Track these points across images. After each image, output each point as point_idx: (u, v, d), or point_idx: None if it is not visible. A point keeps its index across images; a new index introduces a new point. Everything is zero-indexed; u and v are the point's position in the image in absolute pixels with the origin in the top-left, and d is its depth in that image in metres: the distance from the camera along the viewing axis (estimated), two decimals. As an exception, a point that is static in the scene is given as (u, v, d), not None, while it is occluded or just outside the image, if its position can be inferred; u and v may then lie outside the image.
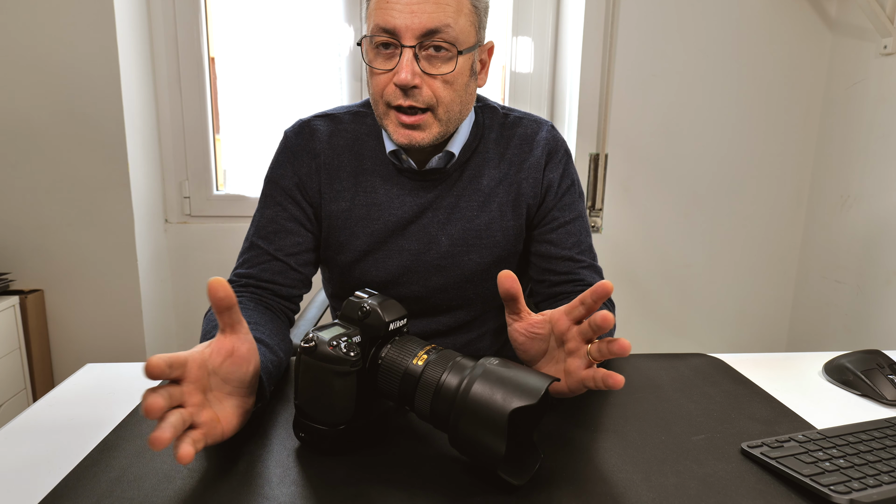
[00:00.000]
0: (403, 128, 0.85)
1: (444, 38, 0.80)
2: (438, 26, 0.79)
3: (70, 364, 1.82)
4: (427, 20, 0.79)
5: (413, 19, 0.79)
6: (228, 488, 0.56)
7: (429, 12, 0.79)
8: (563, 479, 0.59)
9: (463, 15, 0.82)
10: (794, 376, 0.88)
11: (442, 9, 0.80)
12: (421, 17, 0.79)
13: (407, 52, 0.80)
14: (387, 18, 0.80)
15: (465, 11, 0.82)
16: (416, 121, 0.84)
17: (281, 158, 0.96)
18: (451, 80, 0.83)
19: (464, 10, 0.82)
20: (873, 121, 1.78)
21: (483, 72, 0.91)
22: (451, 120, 0.87)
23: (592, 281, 0.95)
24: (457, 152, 0.92)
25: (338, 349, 0.58)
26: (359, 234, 0.94)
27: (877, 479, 0.57)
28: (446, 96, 0.84)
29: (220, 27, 1.89)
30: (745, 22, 1.90)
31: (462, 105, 0.87)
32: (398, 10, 0.79)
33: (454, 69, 0.83)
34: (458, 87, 0.85)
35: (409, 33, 0.80)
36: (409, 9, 0.79)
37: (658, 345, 2.13)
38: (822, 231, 2.01)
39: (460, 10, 0.81)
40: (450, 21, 0.80)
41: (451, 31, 0.80)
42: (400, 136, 0.85)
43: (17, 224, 1.71)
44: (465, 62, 0.84)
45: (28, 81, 1.63)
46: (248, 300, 0.88)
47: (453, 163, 0.93)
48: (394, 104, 0.84)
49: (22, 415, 0.73)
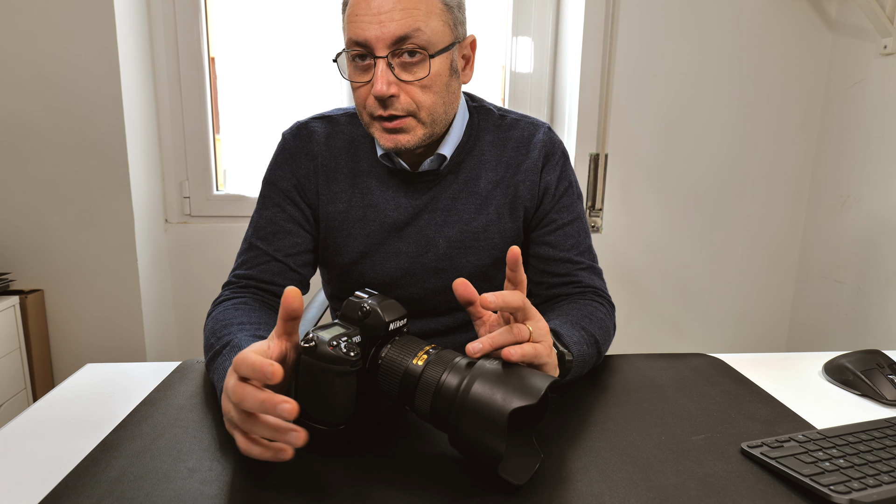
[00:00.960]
0: (388, 133, 0.85)
1: (415, 42, 0.80)
2: (408, 32, 0.79)
3: (70, 364, 1.82)
4: (396, 28, 0.78)
5: (382, 29, 0.79)
6: (228, 488, 0.56)
7: (397, 20, 0.79)
8: (563, 479, 0.59)
9: (434, 16, 0.81)
10: (794, 376, 0.88)
11: (410, 14, 0.79)
12: (389, 25, 0.78)
13: (380, 63, 0.80)
14: (358, 31, 0.80)
15: (435, 12, 0.81)
16: (398, 125, 0.84)
17: (279, 160, 0.96)
18: (429, 84, 0.83)
19: (434, 10, 0.81)
20: (873, 121, 1.78)
21: (468, 67, 0.91)
22: (436, 121, 0.86)
23: (591, 283, 0.95)
24: (448, 154, 0.92)
25: (338, 349, 0.58)
26: (356, 235, 0.94)
27: (877, 479, 0.57)
28: (426, 100, 0.84)
29: (220, 27, 1.89)
30: (745, 22, 1.90)
31: (446, 105, 0.87)
32: (367, 22, 0.79)
33: (429, 73, 0.82)
34: (438, 88, 0.84)
35: (380, 43, 0.79)
36: (378, 19, 0.79)
37: (658, 345, 2.13)
38: (822, 231, 2.01)
39: (430, 11, 0.81)
40: (419, 25, 0.79)
41: (422, 34, 0.80)
42: (386, 141, 0.85)
43: (17, 224, 1.71)
44: (443, 63, 0.84)
45: (28, 82, 1.63)
46: (252, 300, 0.88)
47: (446, 164, 0.93)
48: (375, 115, 0.84)
49: (22, 415, 0.73)
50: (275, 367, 0.53)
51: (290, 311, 0.58)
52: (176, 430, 0.67)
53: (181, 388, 0.78)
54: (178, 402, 0.74)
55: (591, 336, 0.82)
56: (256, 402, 0.54)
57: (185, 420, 0.69)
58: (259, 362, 0.53)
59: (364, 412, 0.62)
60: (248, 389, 0.54)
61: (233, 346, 0.72)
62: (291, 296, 0.58)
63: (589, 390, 0.80)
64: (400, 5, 0.79)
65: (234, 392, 0.55)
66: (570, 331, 0.80)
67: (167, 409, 0.72)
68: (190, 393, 0.77)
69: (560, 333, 0.77)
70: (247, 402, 0.54)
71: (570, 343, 0.77)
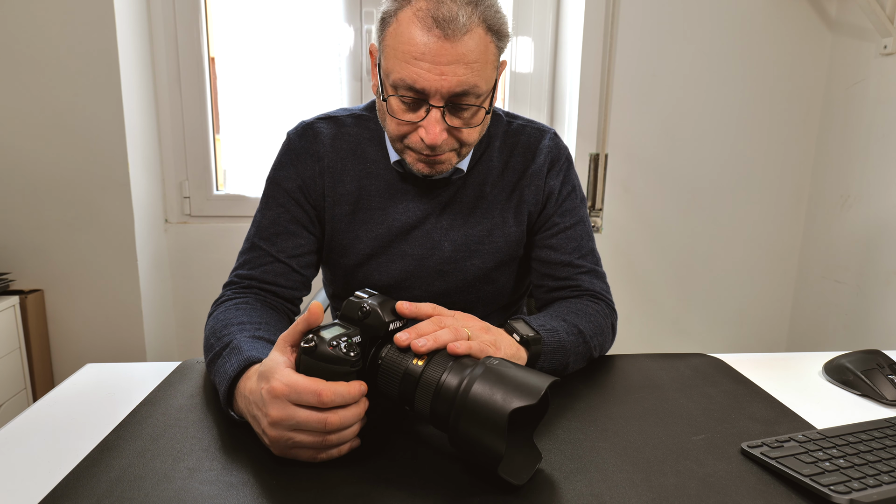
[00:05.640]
0: (424, 163, 0.85)
1: (472, 100, 0.79)
2: (467, 89, 0.78)
3: (70, 364, 1.82)
4: (456, 84, 0.76)
5: (442, 82, 0.76)
6: (228, 488, 0.56)
7: (459, 75, 0.76)
8: (563, 479, 0.59)
9: (489, 64, 0.79)
10: (794, 376, 0.88)
11: (471, 70, 0.77)
12: (451, 79, 0.76)
13: (434, 113, 0.78)
14: (415, 78, 0.76)
15: (490, 60, 0.79)
16: (438, 158, 0.84)
17: (284, 160, 0.95)
18: (476, 125, 0.83)
19: (490, 59, 0.79)
20: (873, 121, 1.78)
21: (496, 90, 0.90)
22: (469, 151, 0.88)
23: (591, 287, 0.95)
24: (465, 167, 0.93)
25: (338, 349, 0.58)
26: (362, 237, 0.94)
27: (877, 479, 0.57)
28: (470, 139, 0.84)
29: (220, 27, 1.89)
30: (745, 22, 1.90)
31: (481, 135, 0.88)
32: (426, 70, 0.76)
33: (481, 122, 0.83)
34: (481, 127, 0.85)
35: (437, 95, 0.77)
36: (439, 69, 0.76)
37: (658, 345, 2.13)
38: (822, 231, 2.01)
39: (486, 61, 0.78)
40: (478, 80, 0.78)
41: (479, 89, 0.79)
42: (421, 168, 0.85)
43: (17, 224, 1.71)
44: (489, 103, 0.84)
45: (28, 81, 1.63)
46: (254, 300, 0.88)
47: (460, 175, 0.93)
48: (419, 152, 0.83)
49: (22, 415, 0.73)
50: (363, 386, 0.59)
51: (312, 325, 0.60)
52: (176, 430, 0.67)
53: (181, 388, 0.78)
54: (178, 402, 0.74)
55: (573, 326, 0.83)
56: (338, 420, 0.57)
57: (185, 420, 0.69)
58: (347, 389, 0.58)
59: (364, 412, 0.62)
60: (323, 414, 0.57)
61: (232, 346, 0.72)
62: (318, 311, 0.60)
63: (589, 390, 0.80)
64: (463, 59, 0.76)
65: (308, 421, 0.57)
66: (547, 320, 0.81)
67: (167, 409, 0.72)
68: (190, 393, 0.77)
69: (525, 318, 0.79)
70: (332, 422, 0.57)
71: (539, 327, 0.78)
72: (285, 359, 0.60)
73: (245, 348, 0.70)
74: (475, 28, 0.76)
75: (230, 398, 0.68)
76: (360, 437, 0.62)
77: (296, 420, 0.57)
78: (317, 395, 0.56)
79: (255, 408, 0.61)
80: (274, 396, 0.57)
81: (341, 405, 0.58)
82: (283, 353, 0.61)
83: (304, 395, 0.56)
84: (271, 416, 0.58)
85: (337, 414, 0.57)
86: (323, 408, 0.57)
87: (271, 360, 0.61)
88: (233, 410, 0.68)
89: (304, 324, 0.60)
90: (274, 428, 0.58)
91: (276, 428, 0.58)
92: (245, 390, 0.64)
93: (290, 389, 0.57)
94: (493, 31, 0.78)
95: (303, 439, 0.58)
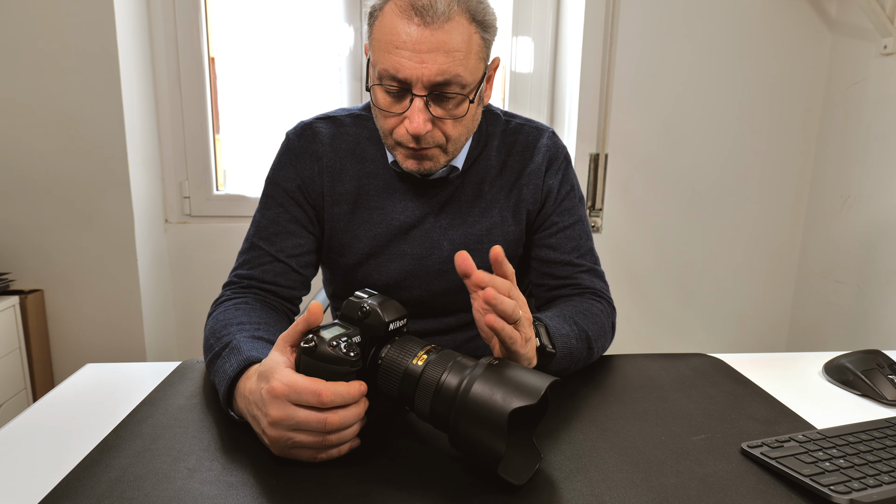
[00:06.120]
0: (412, 158, 0.85)
1: (455, 89, 0.79)
2: (448, 78, 0.78)
3: (70, 364, 1.82)
4: (436, 72, 0.77)
5: (423, 70, 0.76)
6: (228, 488, 0.56)
7: (439, 63, 0.76)
8: (563, 479, 0.59)
9: (472, 54, 0.79)
10: (794, 376, 0.88)
11: (452, 58, 0.77)
12: (431, 67, 0.76)
13: (418, 102, 0.79)
14: (396, 66, 0.77)
15: (474, 49, 0.79)
16: (424, 153, 0.84)
17: (283, 160, 0.95)
18: (461, 118, 0.83)
19: (473, 48, 0.79)
20: (873, 121, 1.78)
21: (488, 88, 0.90)
22: (457, 149, 0.88)
23: (591, 285, 0.95)
24: (460, 166, 0.93)
25: (338, 349, 0.58)
26: (361, 237, 0.94)
27: (877, 479, 0.57)
28: (455, 133, 0.84)
29: (220, 27, 1.89)
30: (745, 22, 1.90)
31: (469, 132, 0.88)
32: (407, 58, 0.76)
33: (465, 113, 0.82)
34: (467, 121, 0.85)
35: (419, 83, 0.78)
36: (419, 58, 0.76)
37: (658, 345, 2.13)
38: (822, 231, 2.01)
39: (470, 50, 0.78)
40: (460, 70, 0.78)
41: (462, 79, 0.79)
42: (409, 165, 0.86)
43: (17, 224, 1.71)
44: (475, 98, 0.84)
45: (28, 81, 1.63)
46: (253, 300, 0.88)
47: (456, 173, 0.93)
48: (405, 145, 0.84)
49: (22, 415, 0.73)
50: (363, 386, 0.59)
51: (312, 325, 0.60)
52: (176, 430, 0.67)
53: (181, 388, 0.78)
54: (178, 402, 0.74)
55: (582, 331, 0.83)
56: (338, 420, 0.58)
57: (185, 420, 0.69)
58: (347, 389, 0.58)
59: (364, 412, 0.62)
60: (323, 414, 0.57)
61: (232, 347, 0.72)
62: (317, 311, 0.60)
63: (589, 390, 0.80)
64: (443, 46, 0.76)
65: (308, 421, 0.57)
66: (561, 324, 0.81)
67: (167, 409, 0.72)
68: (190, 393, 0.77)
69: (548, 325, 0.78)
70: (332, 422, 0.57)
71: (556, 336, 0.77)
72: (285, 359, 0.60)
73: (245, 348, 0.70)
74: (456, 17, 0.76)
75: (230, 398, 0.68)
76: (360, 437, 0.62)
77: (296, 420, 0.57)
78: (317, 395, 0.56)
79: (254, 408, 0.61)
80: (274, 396, 0.57)
81: (341, 405, 0.58)
82: (283, 353, 0.61)
83: (304, 395, 0.57)
84: (271, 416, 0.58)
85: (337, 414, 0.57)
86: (323, 408, 0.57)
87: (271, 360, 0.61)
88: (233, 410, 0.68)
89: (303, 324, 0.60)
90: (274, 428, 0.58)
91: (275, 428, 0.58)
92: (245, 390, 0.64)
93: (289, 389, 0.57)
94: (476, 21, 0.79)
95: (303, 439, 0.58)
